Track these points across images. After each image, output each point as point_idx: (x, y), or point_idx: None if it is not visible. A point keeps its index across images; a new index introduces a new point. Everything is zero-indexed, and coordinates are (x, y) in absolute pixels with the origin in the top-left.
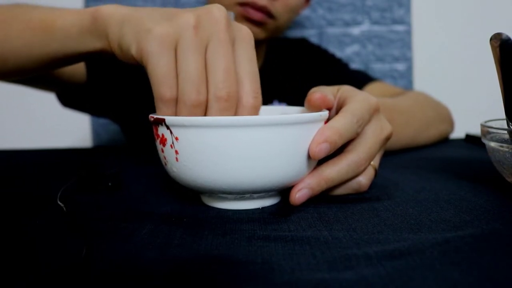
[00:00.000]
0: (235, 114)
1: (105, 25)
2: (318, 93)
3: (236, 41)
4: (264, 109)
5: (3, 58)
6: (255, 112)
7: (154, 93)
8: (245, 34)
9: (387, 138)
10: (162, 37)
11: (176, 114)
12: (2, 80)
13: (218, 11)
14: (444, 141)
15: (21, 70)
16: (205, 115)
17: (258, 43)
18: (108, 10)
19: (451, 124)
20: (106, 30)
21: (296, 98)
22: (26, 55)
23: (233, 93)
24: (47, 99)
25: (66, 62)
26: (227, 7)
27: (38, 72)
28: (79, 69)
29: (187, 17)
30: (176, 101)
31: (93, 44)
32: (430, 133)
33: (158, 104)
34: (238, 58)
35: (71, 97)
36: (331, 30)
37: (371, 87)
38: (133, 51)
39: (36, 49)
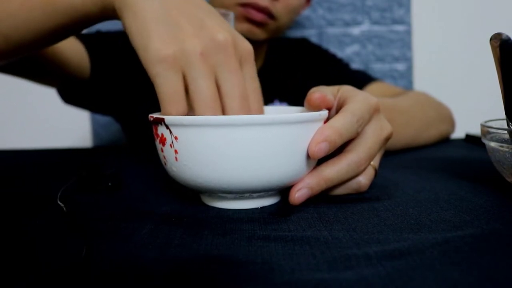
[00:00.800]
0: None
1: (116, 6)
2: (318, 93)
3: (241, 62)
4: (265, 108)
5: (5, 35)
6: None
7: (162, 111)
8: (248, 52)
9: (387, 138)
10: (168, 60)
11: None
12: (7, 60)
13: (223, 35)
14: (445, 141)
15: (25, 46)
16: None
17: (258, 43)
18: None
19: (452, 124)
20: (116, 12)
21: (296, 97)
22: (30, 31)
23: (246, 101)
24: (47, 99)
25: (70, 32)
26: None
27: (43, 46)
28: (83, 63)
29: (193, 44)
30: None
31: (100, 16)
32: (431, 133)
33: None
34: (246, 80)
35: (73, 92)
36: (331, 30)
37: (372, 87)
38: (141, 56)
39: (39, 24)
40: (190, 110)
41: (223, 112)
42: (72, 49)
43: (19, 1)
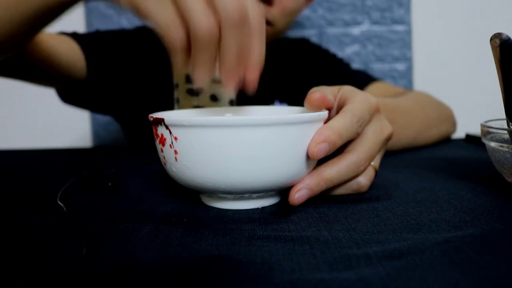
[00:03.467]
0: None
1: None
2: (318, 93)
3: None
4: (264, 109)
5: None
6: (263, 31)
7: (166, 44)
8: None
9: (388, 139)
10: None
11: (192, 60)
12: None
13: None
14: (445, 141)
15: (7, 38)
16: (221, 45)
17: None
18: None
19: (453, 124)
20: None
21: (297, 98)
22: (8, 19)
23: (244, 13)
24: (47, 99)
25: (49, 16)
26: None
27: (26, 37)
28: (78, 64)
29: None
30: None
31: None
32: (431, 134)
33: (174, 57)
34: None
35: (72, 93)
36: (331, 30)
37: (373, 87)
38: (126, 6)
39: (18, 9)
40: None
41: (217, 16)
42: (66, 50)
43: None
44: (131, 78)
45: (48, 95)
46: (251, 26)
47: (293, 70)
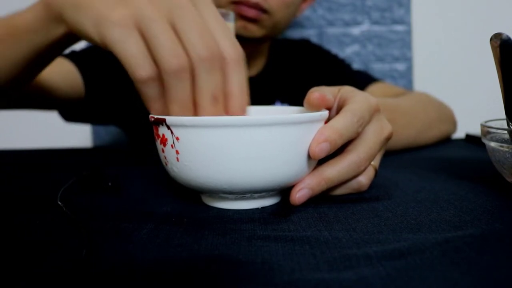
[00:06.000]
0: (224, 72)
1: (59, 10)
2: (317, 92)
3: (195, 2)
4: (265, 109)
5: None
6: (240, 63)
7: (131, 77)
8: None
9: (388, 138)
10: (121, 21)
11: (161, 93)
12: None
13: None
14: (445, 141)
15: (5, 81)
16: (194, 84)
17: (258, 42)
18: None
19: (454, 124)
20: (62, 16)
21: (298, 99)
22: (2, 64)
23: (215, 49)
24: None
25: (43, 58)
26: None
27: (22, 79)
28: (76, 85)
29: None
30: (158, 79)
31: (57, 30)
32: (432, 134)
33: (139, 88)
34: (204, 17)
35: (73, 112)
36: (331, 30)
37: (374, 87)
38: (96, 39)
39: (9, 55)
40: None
41: (187, 54)
42: (63, 76)
43: None
44: (129, 86)
45: None
46: (226, 61)
47: (294, 71)
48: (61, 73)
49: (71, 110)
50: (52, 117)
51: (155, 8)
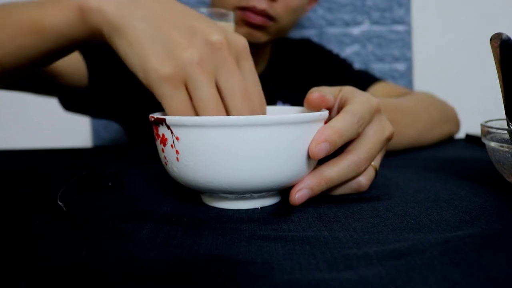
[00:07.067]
0: None
1: (98, 27)
2: (317, 92)
3: (238, 58)
4: (266, 109)
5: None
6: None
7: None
8: (243, 47)
9: (388, 139)
10: (170, 79)
11: None
12: (3, 81)
13: (216, 37)
14: (446, 141)
15: (19, 70)
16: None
17: (261, 45)
18: (96, 4)
19: (456, 124)
20: (102, 33)
21: (300, 99)
22: (22, 57)
23: (253, 112)
24: (47, 99)
25: (63, 53)
26: None
27: (37, 69)
28: (80, 73)
29: (189, 54)
30: None
31: (89, 38)
32: (434, 134)
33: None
34: (244, 75)
35: (73, 101)
36: (331, 30)
37: (376, 87)
38: (143, 81)
39: (30, 50)
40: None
41: (227, 113)
42: (67, 60)
43: (9, 30)
44: (132, 81)
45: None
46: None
47: (295, 71)
48: (67, 57)
49: (72, 98)
50: (52, 117)
51: (203, 70)
